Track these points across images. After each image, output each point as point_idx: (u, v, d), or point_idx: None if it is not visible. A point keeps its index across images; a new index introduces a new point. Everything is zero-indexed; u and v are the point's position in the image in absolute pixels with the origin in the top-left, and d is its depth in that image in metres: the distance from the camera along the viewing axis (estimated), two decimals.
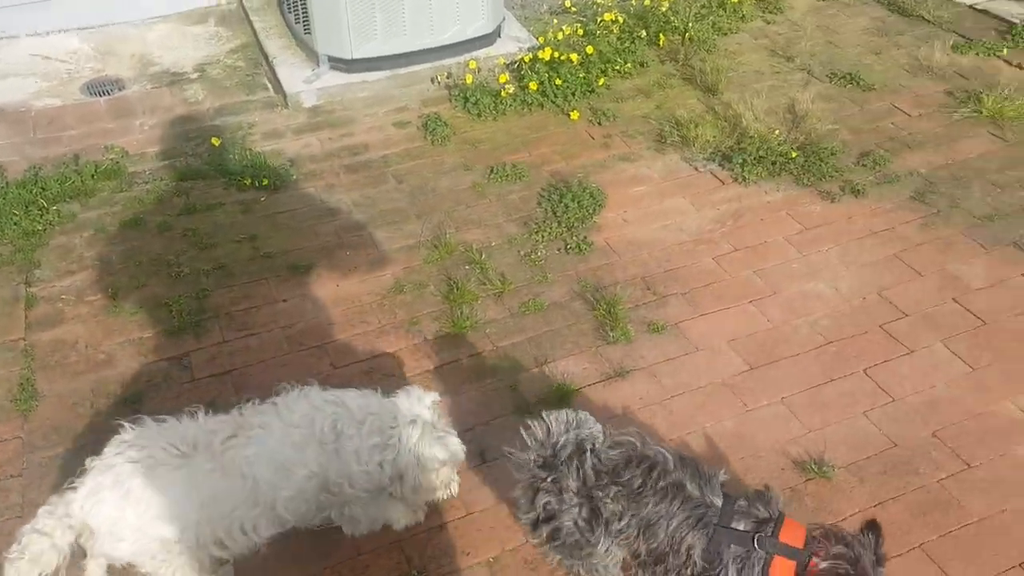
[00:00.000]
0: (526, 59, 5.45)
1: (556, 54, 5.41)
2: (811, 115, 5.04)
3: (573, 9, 6.28)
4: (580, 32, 5.78)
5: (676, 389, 3.53)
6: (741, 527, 2.40)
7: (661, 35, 5.95)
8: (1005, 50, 5.74)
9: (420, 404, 2.77)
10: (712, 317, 3.87)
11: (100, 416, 3.37)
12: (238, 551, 2.59)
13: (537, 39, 5.71)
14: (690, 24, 5.99)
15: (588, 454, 2.49)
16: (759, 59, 5.84)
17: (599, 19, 5.95)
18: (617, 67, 5.58)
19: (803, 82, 5.53)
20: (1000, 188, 4.56)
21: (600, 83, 5.44)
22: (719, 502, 2.44)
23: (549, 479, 2.49)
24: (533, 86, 5.29)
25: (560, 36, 5.67)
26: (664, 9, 6.12)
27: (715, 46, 5.92)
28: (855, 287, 3.99)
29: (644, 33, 5.93)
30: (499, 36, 5.75)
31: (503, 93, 5.26)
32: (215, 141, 4.92)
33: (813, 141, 4.89)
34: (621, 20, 5.95)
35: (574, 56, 5.41)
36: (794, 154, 4.78)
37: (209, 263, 4.12)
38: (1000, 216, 4.36)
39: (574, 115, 5.21)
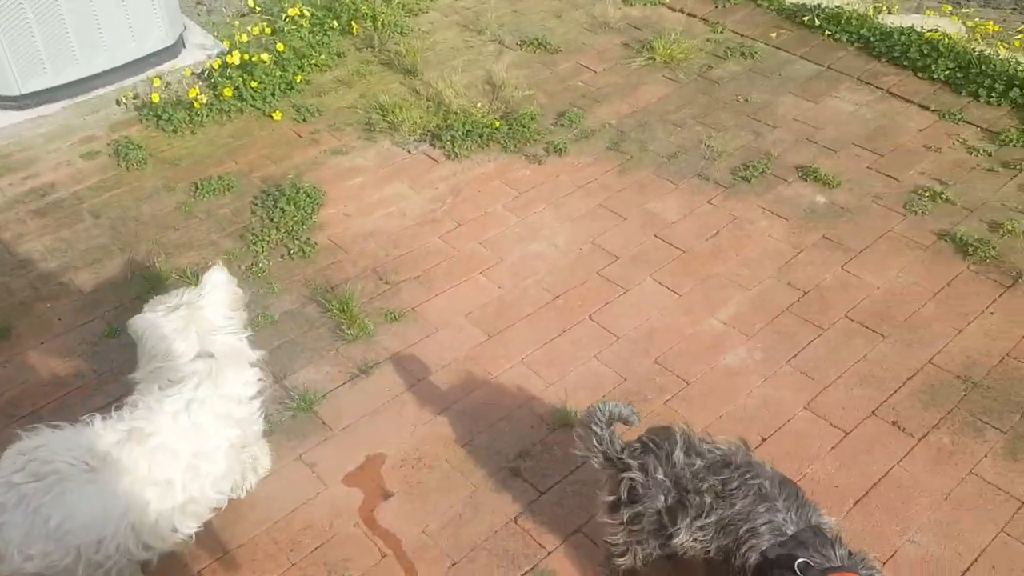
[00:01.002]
0: (216, 66, 5.22)
1: (246, 56, 5.23)
2: (508, 84, 5.26)
3: (258, 9, 6.08)
4: (268, 31, 5.62)
5: (423, 373, 3.58)
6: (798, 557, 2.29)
7: (353, 23, 5.93)
8: None
9: (164, 313, 2.73)
10: (447, 295, 3.95)
11: None
12: (166, 548, 2.60)
13: (224, 44, 5.47)
14: (379, 8, 6.01)
15: (678, 441, 2.46)
16: (452, 35, 5.98)
17: (285, 15, 5.81)
18: (313, 61, 5.50)
19: (496, 53, 5.74)
20: (679, 126, 5.01)
21: (298, 80, 5.33)
22: (793, 530, 2.33)
23: (636, 464, 2.45)
24: (228, 92, 5.08)
25: (246, 38, 5.48)
26: None
27: (408, 28, 5.99)
28: (571, 240, 4.24)
29: (335, 23, 5.88)
30: (183, 46, 5.45)
31: (196, 104, 5.01)
32: None
33: (513, 109, 5.11)
34: (309, 13, 5.85)
35: (266, 56, 5.26)
36: (498, 124, 4.96)
37: None
38: (682, 152, 4.80)
39: (277, 116, 5.07)
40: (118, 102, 5.14)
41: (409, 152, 4.85)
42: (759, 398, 3.45)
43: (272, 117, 5.08)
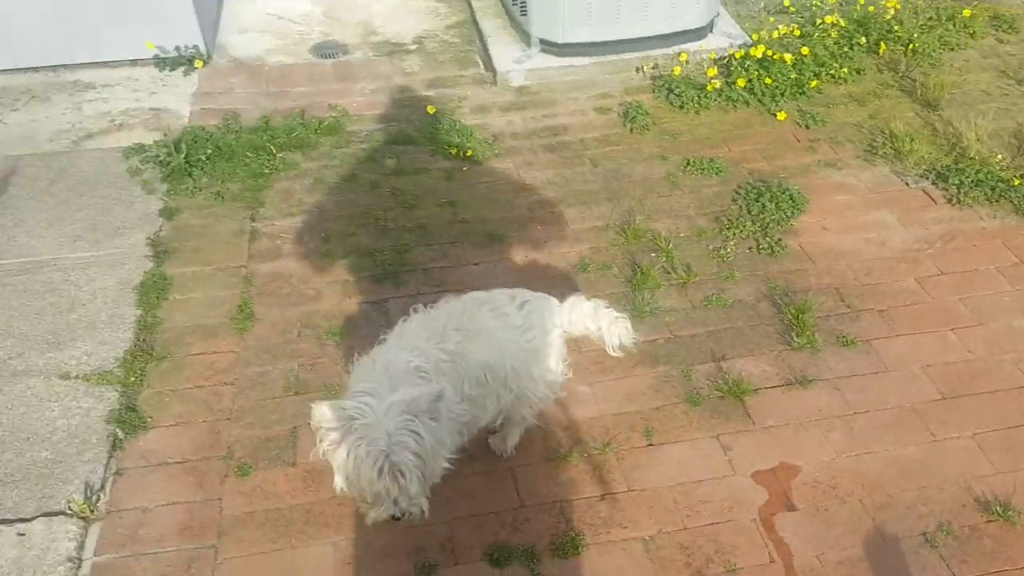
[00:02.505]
0: (737, 55, 5.39)
1: (768, 52, 5.31)
2: None
3: (792, 9, 6.13)
4: (796, 33, 5.65)
5: (860, 406, 3.42)
6: None
7: (882, 43, 5.71)
8: None
9: None
10: (908, 339, 3.70)
11: (304, 343, 3.68)
12: None
13: (750, 36, 5.62)
14: (915, 35, 5.71)
15: None
16: (987, 79, 5.48)
17: (818, 21, 5.77)
18: (831, 72, 5.41)
19: None
20: None
21: (812, 86, 5.29)
22: None
23: None
24: (740, 83, 5.21)
25: (775, 35, 5.55)
26: (888, 17, 5.86)
27: (940, 60, 5.61)
28: None
29: (864, 40, 5.71)
30: (711, 31, 5.71)
31: (709, 87, 5.22)
32: (431, 109, 5.17)
33: None
34: (842, 24, 5.75)
35: (787, 56, 5.29)
36: (1017, 182, 4.47)
37: (412, 222, 4.36)
38: None
39: (780, 116, 5.10)
40: (638, 69, 5.55)
41: (907, 184, 4.58)
42: None
43: (775, 116, 5.12)
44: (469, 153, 4.85)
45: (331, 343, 3.68)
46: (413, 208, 4.45)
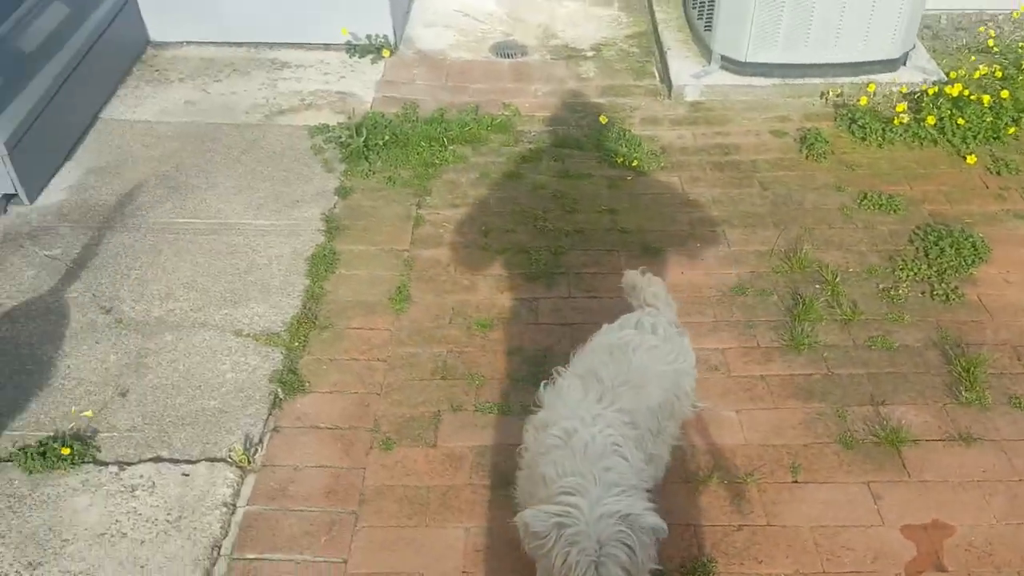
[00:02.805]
0: (929, 91, 5.12)
1: (965, 92, 5.02)
2: None
3: (996, 49, 5.76)
4: (999, 74, 5.30)
5: None
6: None
7: None
8: None
9: None
10: None
11: (454, 330, 3.79)
12: None
13: (946, 74, 5.33)
14: None
15: None
16: None
17: (1023, 64, 5.40)
18: None
19: None
20: None
21: (1009, 132, 4.96)
22: None
23: None
24: (930, 120, 4.95)
25: (976, 75, 5.24)
26: None
27: None
28: None
29: None
30: (903, 64, 5.45)
31: (896, 121, 4.99)
32: (603, 119, 5.18)
33: None
34: None
35: (985, 98, 4.98)
36: None
37: (570, 225, 4.39)
38: None
39: (970, 159, 4.81)
40: (822, 95, 5.37)
41: None
42: None
43: (964, 159, 4.83)
44: (635, 163, 4.84)
45: (479, 334, 3.77)
46: (573, 212, 4.49)
